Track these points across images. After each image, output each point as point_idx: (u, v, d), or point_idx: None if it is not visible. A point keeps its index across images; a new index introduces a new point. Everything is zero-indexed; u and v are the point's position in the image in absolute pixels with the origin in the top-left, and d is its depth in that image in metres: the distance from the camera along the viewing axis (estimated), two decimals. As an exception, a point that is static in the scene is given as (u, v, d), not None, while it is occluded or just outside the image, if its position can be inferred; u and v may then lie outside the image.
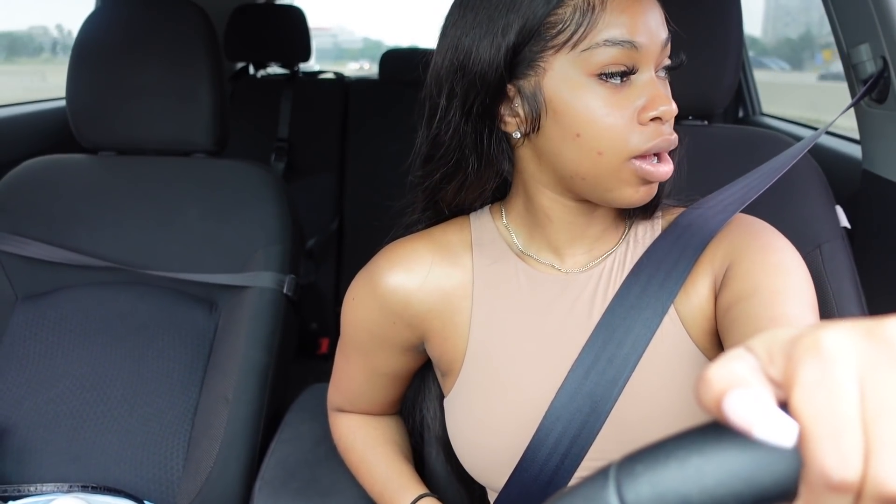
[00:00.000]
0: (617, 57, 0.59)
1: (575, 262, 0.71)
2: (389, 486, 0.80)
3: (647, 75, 0.61)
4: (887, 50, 0.99)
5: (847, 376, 0.24)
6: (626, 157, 0.61)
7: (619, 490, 0.28)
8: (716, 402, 0.27)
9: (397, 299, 0.72)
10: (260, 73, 2.59)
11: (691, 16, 1.03)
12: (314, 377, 1.11)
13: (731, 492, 0.26)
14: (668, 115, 0.61)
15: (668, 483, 0.27)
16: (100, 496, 0.98)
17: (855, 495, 0.24)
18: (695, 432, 0.28)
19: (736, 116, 2.31)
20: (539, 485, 0.66)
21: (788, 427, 0.26)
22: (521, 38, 0.61)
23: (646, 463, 0.28)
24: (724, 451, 0.26)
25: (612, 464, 0.29)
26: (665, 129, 0.61)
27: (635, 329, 0.65)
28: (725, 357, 0.28)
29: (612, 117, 0.60)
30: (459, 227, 0.75)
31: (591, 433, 0.65)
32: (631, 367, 0.64)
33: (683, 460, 0.27)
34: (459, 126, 0.66)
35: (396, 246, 0.74)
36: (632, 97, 0.60)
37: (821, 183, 1.04)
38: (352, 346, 0.79)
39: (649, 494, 0.27)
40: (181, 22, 1.18)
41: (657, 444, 0.28)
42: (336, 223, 2.37)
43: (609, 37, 0.59)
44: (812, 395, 0.24)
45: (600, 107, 0.60)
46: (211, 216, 1.19)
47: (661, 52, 0.61)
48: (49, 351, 1.13)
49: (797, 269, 0.63)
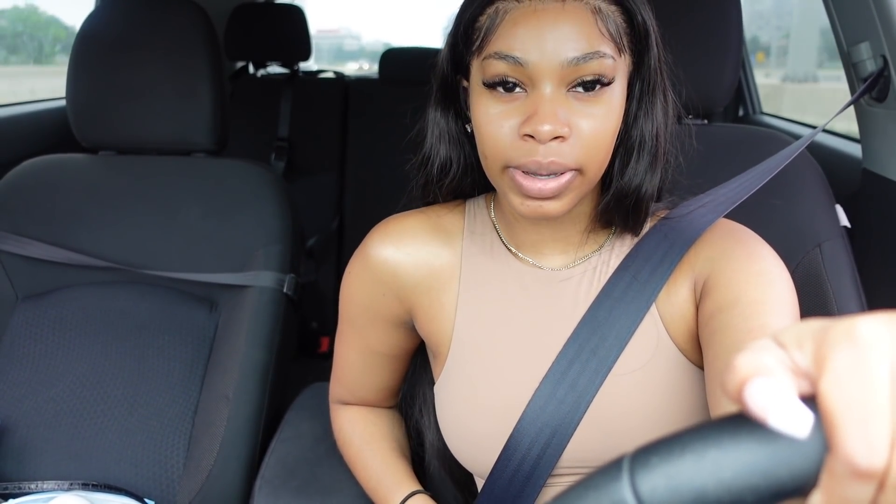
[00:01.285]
0: (503, 70, 0.60)
1: (555, 260, 0.72)
2: (384, 481, 0.81)
3: (541, 91, 0.59)
4: (887, 48, 0.99)
5: (881, 364, 0.24)
6: (503, 166, 0.62)
7: (633, 481, 0.27)
8: (739, 390, 0.27)
9: (386, 270, 0.75)
10: (260, 73, 2.59)
11: (692, 15, 1.04)
12: (314, 376, 1.11)
13: (749, 485, 0.26)
14: (540, 135, 0.58)
15: (685, 475, 0.26)
16: (100, 494, 0.98)
17: (878, 484, 0.24)
18: (712, 425, 0.27)
19: (736, 115, 2.31)
20: (522, 473, 0.68)
21: (804, 417, 0.25)
22: (455, 40, 0.66)
23: (661, 455, 0.27)
24: (742, 444, 0.26)
25: (624, 455, 0.28)
26: (539, 149, 0.59)
27: (619, 322, 0.66)
28: (754, 347, 0.28)
29: (493, 126, 0.61)
30: (456, 211, 0.77)
31: (573, 422, 0.66)
32: (613, 359, 0.66)
33: (700, 453, 0.26)
34: (436, 117, 0.72)
35: (391, 220, 0.77)
36: (520, 110, 0.60)
37: (821, 182, 1.04)
38: (347, 323, 0.81)
39: (665, 487, 0.26)
40: (181, 21, 1.18)
41: (673, 435, 0.28)
42: (336, 222, 2.37)
43: (498, 49, 0.60)
44: (844, 380, 0.24)
45: (486, 114, 0.62)
46: (211, 215, 1.19)
47: (565, 70, 0.59)
48: (49, 350, 1.13)
49: (780, 278, 0.63)
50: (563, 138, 0.59)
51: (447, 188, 0.74)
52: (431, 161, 0.73)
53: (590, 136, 0.60)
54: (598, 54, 0.59)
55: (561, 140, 0.59)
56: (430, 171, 0.73)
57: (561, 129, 0.59)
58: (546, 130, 0.58)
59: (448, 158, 0.72)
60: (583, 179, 0.62)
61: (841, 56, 1.13)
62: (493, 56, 0.60)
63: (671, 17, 0.63)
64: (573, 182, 0.61)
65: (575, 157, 0.60)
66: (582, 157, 0.60)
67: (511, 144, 0.61)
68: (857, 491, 0.24)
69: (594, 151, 0.61)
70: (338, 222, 2.38)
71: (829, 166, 1.08)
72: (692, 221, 0.69)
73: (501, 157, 0.62)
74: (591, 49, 0.59)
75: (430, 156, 0.73)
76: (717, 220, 0.69)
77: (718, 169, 0.88)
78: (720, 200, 0.72)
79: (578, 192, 0.63)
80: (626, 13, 0.62)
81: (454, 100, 0.70)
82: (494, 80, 0.61)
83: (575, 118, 0.60)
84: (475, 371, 0.72)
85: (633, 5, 0.62)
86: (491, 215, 0.76)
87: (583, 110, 0.60)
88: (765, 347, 0.27)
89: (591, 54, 0.59)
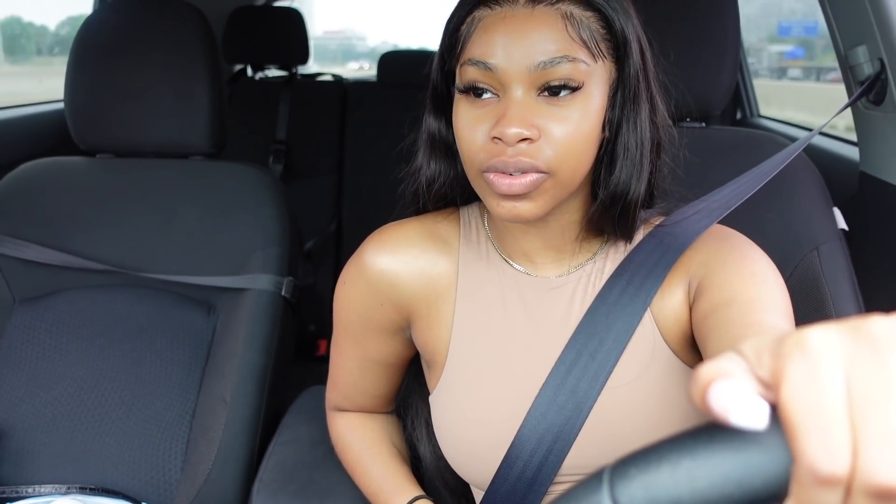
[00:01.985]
0: (474, 76, 0.62)
1: (548, 269, 0.72)
2: (385, 486, 0.81)
3: (510, 95, 0.61)
4: (884, 52, 0.99)
5: (833, 372, 0.25)
6: (478, 170, 0.63)
7: (612, 492, 0.28)
8: (702, 395, 0.27)
9: (384, 280, 0.74)
10: (258, 76, 2.59)
11: (689, 19, 1.04)
12: (312, 379, 1.11)
13: (723, 494, 0.26)
14: (507, 137, 0.59)
15: (661, 486, 0.27)
16: (98, 498, 0.98)
17: (845, 490, 0.24)
18: (686, 435, 0.28)
19: (734, 118, 2.32)
20: (525, 481, 0.67)
21: (762, 411, 0.26)
22: (443, 49, 0.68)
23: (639, 466, 0.28)
24: (716, 454, 0.27)
25: (605, 466, 0.29)
26: (508, 150, 0.60)
27: (616, 327, 0.66)
28: (717, 358, 0.28)
29: (467, 130, 0.63)
30: (451, 218, 0.77)
31: (575, 428, 0.66)
32: (612, 363, 0.66)
33: (675, 463, 0.27)
34: (429, 125, 0.73)
35: (386, 229, 0.77)
36: (492, 114, 0.62)
37: (818, 185, 1.04)
38: (343, 332, 0.80)
39: (642, 497, 0.27)
40: (179, 24, 1.18)
41: (650, 447, 0.28)
42: (334, 225, 2.37)
43: (471, 56, 0.62)
44: (799, 391, 0.25)
45: (461, 119, 0.64)
46: (209, 218, 1.19)
47: (532, 75, 0.60)
48: (47, 353, 1.12)
49: (773, 279, 0.63)
50: (530, 140, 0.60)
51: (435, 195, 0.75)
52: (422, 169, 0.74)
53: (560, 140, 0.60)
54: (566, 59, 0.60)
55: (529, 142, 0.60)
56: (419, 179, 0.74)
57: (528, 130, 0.59)
58: (512, 133, 0.59)
59: (437, 169, 0.73)
60: (555, 182, 0.62)
61: (838, 59, 1.14)
62: (467, 63, 0.63)
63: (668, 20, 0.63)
64: (544, 184, 0.62)
65: (545, 159, 0.60)
66: (552, 160, 0.61)
67: (483, 147, 0.62)
68: (824, 498, 0.25)
69: (565, 155, 0.61)
70: (335, 225, 2.38)
71: (826, 169, 1.08)
72: (687, 227, 0.69)
73: (476, 160, 0.63)
74: (560, 54, 0.60)
75: (421, 164, 0.74)
76: (712, 224, 0.69)
77: (716, 172, 0.88)
78: (714, 206, 0.72)
79: (552, 195, 0.63)
80: (605, 20, 0.62)
81: (446, 108, 0.71)
82: (468, 86, 0.63)
83: (545, 122, 0.61)
84: (473, 380, 0.71)
85: (611, 12, 0.62)
86: (484, 224, 0.76)
87: (554, 114, 0.61)
88: (727, 358, 0.28)
89: (558, 59, 0.60)
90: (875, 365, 0.24)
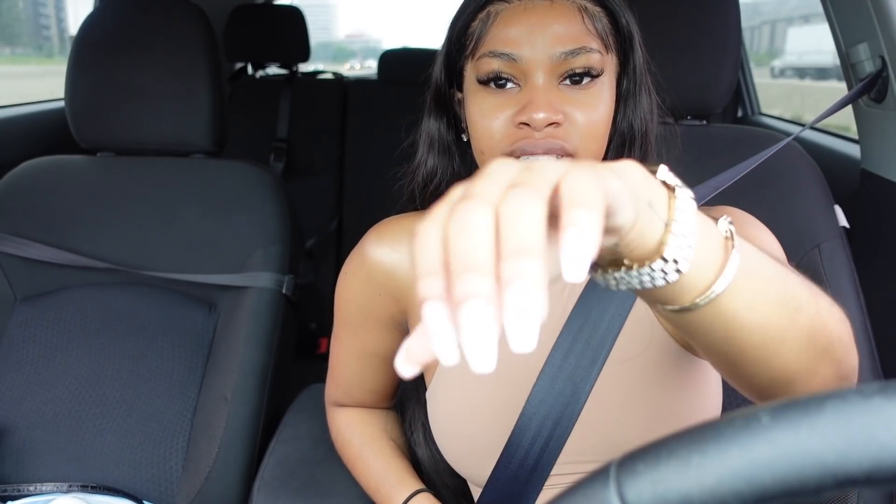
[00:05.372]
0: (497, 66, 0.63)
1: None
2: (386, 481, 0.81)
3: (533, 83, 0.63)
4: (885, 49, 0.99)
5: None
6: (502, 154, 0.64)
7: (619, 488, 0.27)
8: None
9: (383, 271, 0.75)
10: (259, 74, 2.59)
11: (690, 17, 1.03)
12: (313, 377, 1.11)
13: (733, 490, 0.26)
14: (535, 122, 0.61)
15: (669, 482, 0.27)
16: (99, 496, 0.98)
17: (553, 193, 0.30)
18: (696, 431, 0.28)
19: (735, 116, 2.31)
20: (526, 468, 0.68)
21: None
22: (450, 49, 0.69)
23: (647, 461, 0.27)
24: (726, 450, 0.26)
25: (612, 462, 0.29)
26: (536, 133, 0.62)
27: (610, 310, 0.67)
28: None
29: (487, 119, 0.64)
30: None
31: (574, 414, 0.66)
32: (608, 348, 0.66)
33: (685, 459, 0.27)
34: (429, 125, 0.74)
35: (387, 222, 0.78)
36: (513, 102, 0.63)
37: (819, 182, 1.04)
38: (343, 324, 0.81)
39: (650, 493, 0.27)
40: (180, 22, 1.18)
41: (658, 442, 0.28)
42: (335, 223, 2.37)
43: (492, 48, 0.64)
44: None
45: (480, 110, 0.65)
46: (210, 217, 1.19)
47: (555, 64, 0.62)
48: (48, 352, 1.13)
49: (774, 245, 0.65)
50: (557, 124, 0.62)
51: (432, 194, 0.75)
52: (419, 168, 0.75)
53: (584, 124, 0.63)
54: (585, 49, 0.62)
55: (556, 126, 0.62)
56: (416, 178, 0.76)
57: (555, 115, 0.61)
58: (541, 118, 0.61)
59: (434, 168, 0.74)
60: None
61: (839, 56, 1.14)
62: (486, 55, 0.64)
63: (670, 18, 0.64)
64: None
65: (571, 142, 0.63)
66: (577, 144, 0.63)
67: (505, 133, 0.63)
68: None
69: (588, 139, 0.63)
70: (336, 223, 2.38)
71: (827, 167, 1.08)
72: None
73: (497, 147, 0.64)
74: (580, 44, 0.62)
75: (418, 164, 0.75)
76: (701, 202, 0.70)
77: (717, 170, 0.88)
78: (705, 191, 0.75)
79: None
80: (611, 15, 0.65)
81: (447, 109, 0.72)
82: (488, 77, 0.64)
83: (568, 107, 0.63)
84: (468, 372, 0.72)
85: (617, 8, 0.65)
86: None
87: (578, 100, 0.63)
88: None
89: (579, 49, 0.62)
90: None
